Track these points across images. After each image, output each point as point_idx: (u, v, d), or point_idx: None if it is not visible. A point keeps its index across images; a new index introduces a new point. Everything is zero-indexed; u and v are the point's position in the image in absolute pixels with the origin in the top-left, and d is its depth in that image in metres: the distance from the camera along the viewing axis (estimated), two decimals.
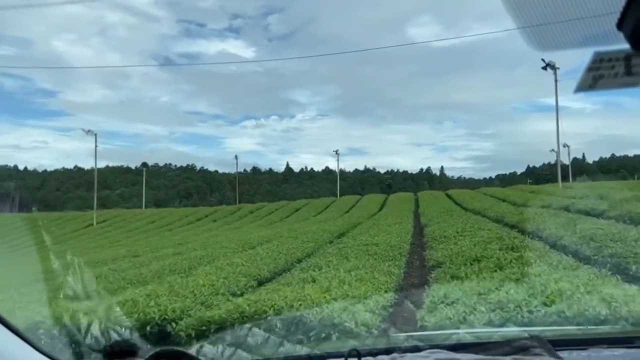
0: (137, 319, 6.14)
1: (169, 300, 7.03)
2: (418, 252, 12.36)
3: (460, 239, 11.77)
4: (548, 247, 9.64)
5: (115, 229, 42.46)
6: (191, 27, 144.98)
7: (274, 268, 10.52)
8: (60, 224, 48.23)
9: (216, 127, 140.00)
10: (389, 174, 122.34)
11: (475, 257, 8.59)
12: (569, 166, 55.57)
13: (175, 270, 11.95)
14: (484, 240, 10.87)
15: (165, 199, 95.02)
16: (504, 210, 20.16)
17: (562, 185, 38.12)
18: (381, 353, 1.46)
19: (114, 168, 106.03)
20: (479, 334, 2.32)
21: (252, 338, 4.59)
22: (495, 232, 12.58)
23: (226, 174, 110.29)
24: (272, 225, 32.27)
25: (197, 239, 26.46)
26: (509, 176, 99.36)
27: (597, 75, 1.12)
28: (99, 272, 13.62)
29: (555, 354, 1.37)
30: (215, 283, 8.47)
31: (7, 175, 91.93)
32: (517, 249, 9.09)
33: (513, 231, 12.89)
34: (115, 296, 8.23)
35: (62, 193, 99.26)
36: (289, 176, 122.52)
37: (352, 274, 7.75)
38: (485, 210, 21.49)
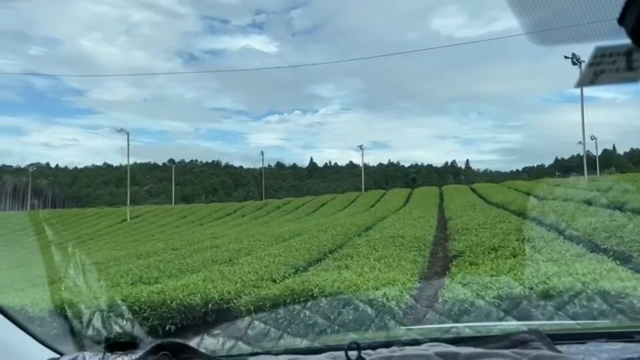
0: (200, 298, 7.25)
1: (223, 284, 8.15)
2: (441, 243, 13.27)
3: (481, 231, 12.61)
4: (562, 238, 10.45)
5: (148, 224, 44.23)
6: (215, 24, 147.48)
7: (308, 258, 11.56)
8: (96, 219, 50.38)
9: (240, 123, 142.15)
10: (413, 167, 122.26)
11: (493, 246, 9.48)
12: (596, 158, 55.15)
13: (218, 261, 13.11)
14: (503, 232, 11.70)
15: (192, 194, 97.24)
16: (526, 203, 20.80)
17: (587, 178, 38.22)
18: (381, 346, 1.46)
19: (142, 164, 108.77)
20: (478, 328, 2.36)
21: (252, 330, 5.00)
22: (515, 224, 13.37)
23: (251, 169, 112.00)
24: (299, 219, 33.39)
25: (229, 233, 27.76)
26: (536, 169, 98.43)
27: (599, 70, 1.12)
28: (146, 264, 14.89)
29: (554, 348, 1.37)
30: (259, 270, 9.55)
31: (40, 173, 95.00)
32: (532, 240, 9.93)
33: (533, 223, 13.67)
34: (173, 281, 9.39)
35: (92, 189, 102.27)
36: (313, 171, 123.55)
37: (381, 262, 8.74)
38: (509, 204, 22.12)
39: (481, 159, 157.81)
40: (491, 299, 5.12)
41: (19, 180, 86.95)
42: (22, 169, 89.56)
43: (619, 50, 1.09)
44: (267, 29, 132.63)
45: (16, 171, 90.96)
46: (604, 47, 1.10)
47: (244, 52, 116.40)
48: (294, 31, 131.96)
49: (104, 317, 6.40)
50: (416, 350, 1.36)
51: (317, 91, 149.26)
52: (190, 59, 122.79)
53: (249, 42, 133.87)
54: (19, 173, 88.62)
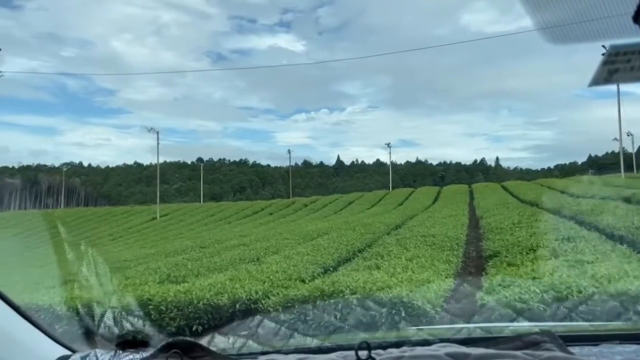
0: (227, 298, 7.09)
1: (250, 283, 7.97)
2: (474, 242, 12.82)
3: (516, 230, 12.12)
4: (604, 238, 9.90)
5: (177, 222, 44.73)
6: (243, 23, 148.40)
7: (337, 257, 11.31)
8: (126, 217, 51.24)
9: (267, 122, 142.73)
10: (441, 165, 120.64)
11: (531, 246, 9.04)
12: (632, 155, 53.17)
13: (245, 259, 12.99)
14: (540, 231, 11.21)
15: (220, 193, 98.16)
16: (561, 202, 20.05)
17: (624, 176, 36.83)
18: (391, 346, 1.45)
19: (171, 163, 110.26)
20: (489, 328, 2.32)
21: (262, 330, 4.93)
22: (552, 223, 12.83)
23: (278, 167, 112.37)
24: (327, 217, 33.18)
25: (257, 231, 27.74)
26: (568, 166, 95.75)
27: (613, 69, 1.11)
28: (174, 262, 14.90)
29: (567, 350, 1.36)
30: (287, 270, 9.35)
31: (73, 172, 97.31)
32: (573, 240, 9.43)
33: (570, 222, 13.09)
34: (200, 280, 9.28)
35: (123, 188, 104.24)
36: (340, 169, 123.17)
37: (414, 262, 8.42)
38: (543, 202, 21.41)
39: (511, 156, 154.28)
40: (535, 303, 4.76)
41: (53, 179, 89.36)
42: (56, 168, 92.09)
43: (634, 49, 1.06)
44: (294, 27, 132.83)
45: (50, 170, 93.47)
46: (618, 45, 1.07)
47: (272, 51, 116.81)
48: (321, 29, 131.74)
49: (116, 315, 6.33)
50: (427, 351, 1.35)
51: (344, 89, 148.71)
52: (218, 59, 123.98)
53: (277, 41, 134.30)
54: (53, 172, 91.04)
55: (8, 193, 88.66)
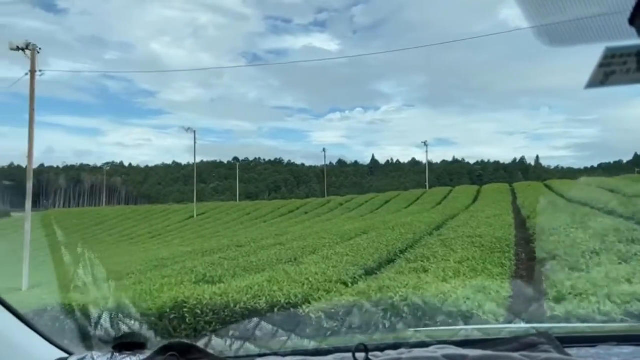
0: (265, 301, 6.68)
1: (289, 286, 7.54)
2: (524, 244, 12.04)
3: (571, 231, 11.28)
4: None
5: (214, 221, 45.05)
6: (278, 24, 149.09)
7: (378, 258, 10.78)
8: (164, 216, 52.02)
9: (302, 121, 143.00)
10: (479, 164, 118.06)
11: (594, 249, 8.26)
12: None
13: (282, 260, 12.62)
14: (599, 232, 10.36)
15: (255, 192, 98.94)
16: (614, 201, 18.84)
17: None
18: (389, 348, 1.44)
19: (208, 163, 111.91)
20: (486, 330, 2.34)
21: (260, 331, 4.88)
22: (611, 224, 11.90)
23: (312, 167, 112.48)
24: (363, 217, 32.59)
25: (293, 230, 27.44)
26: (613, 165, 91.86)
27: (609, 71, 1.11)
28: (210, 261, 14.70)
29: (564, 351, 1.35)
30: (327, 271, 8.89)
31: (114, 171, 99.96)
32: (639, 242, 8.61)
33: (629, 223, 12.13)
34: (237, 281, 8.94)
35: (162, 187, 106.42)
36: (374, 168, 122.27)
37: (464, 265, 7.82)
38: (593, 202, 20.21)
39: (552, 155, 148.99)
40: (619, 315, 4.13)
41: (95, 179, 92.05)
42: (99, 167, 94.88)
43: (630, 51, 1.08)
44: (328, 27, 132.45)
45: (93, 170, 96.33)
46: (614, 48, 1.08)
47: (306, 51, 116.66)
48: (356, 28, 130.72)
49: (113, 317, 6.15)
50: (424, 353, 1.36)
51: (379, 88, 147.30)
52: (254, 59, 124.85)
53: (311, 40, 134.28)
54: (96, 171, 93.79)
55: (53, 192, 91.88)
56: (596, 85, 1.15)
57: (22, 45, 16.03)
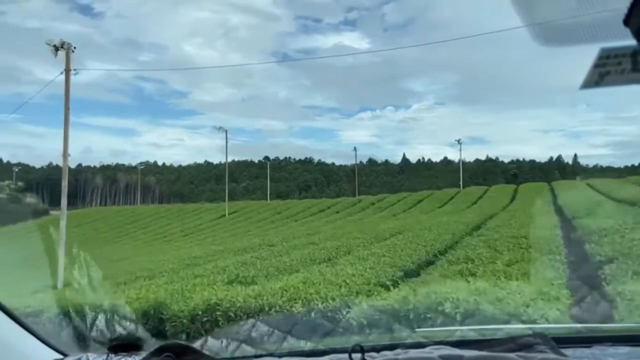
0: (301, 305, 6.30)
1: (325, 288, 7.15)
2: (574, 245, 11.30)
3: (626, 232, 10.50)
4: None
5: (245, 220, 45.16)
6: (308, 23, 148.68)
7: (417, 259, 10.29)
8: (197, 214, 52.52)
9: (332, 120, 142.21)
10: (514, 163, 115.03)
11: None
12: None
13: (316, 260, 12.26)
14: None
15: (286, 191, 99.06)
16: None
17: None
18: (385, 349, 1.44)
19: (239, 162, 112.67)
20: (482, 331, 2.28)
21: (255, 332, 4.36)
22: None
23: (343, 166, 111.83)
24: (396, 216, 31.97)
25: (324, 229, 27.08)
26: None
27: (604, 72, 1.11)
28: (242, 260, 14.47)
29: (559, 352, 1.36)
30: (364, 273, 8.47)
31: (148, 171, 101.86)
32: None
33: None
34: (271, 282, 8.61)
35: (194, 186, 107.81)
36: (405, 167, 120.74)
37: (515, 268, 7.25)
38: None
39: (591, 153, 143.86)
40: None
41: (130, 178, 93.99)
42: (133, 167, 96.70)
43: (625, 52, 1.08)
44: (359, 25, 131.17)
45: (128, 169, 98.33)
46: (609, 48, 1.09)
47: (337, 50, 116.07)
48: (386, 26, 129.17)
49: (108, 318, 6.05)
50: (420, 353, 1.36)
51: (410, 86, 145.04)
52: (284, 59, 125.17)
53: (341, 39, 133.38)
54: (130, 171, 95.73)
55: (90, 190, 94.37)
56: (591, 85, 1.15)
57: (58, 44, 16.23)
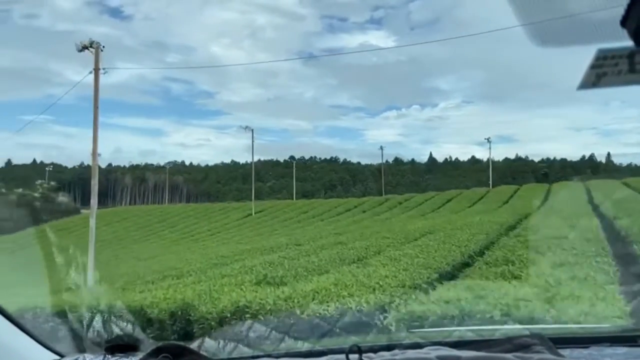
0: (334, 308, 5.98)
1: (359, 290, 6.82)
2: (619, 247, 10.67)
3: None
4: None
5: (271, 219, 45.15)
6: (334, 22, 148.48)
7: (451, 260, 9.85)
8: (224, 213, 52.81)
9: (358, 120, 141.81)
10: (544, 162, 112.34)
11: None
12: None
13: (346, 260, 11.93)
14: None
15: (311, 190, 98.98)
16: None
17: None
18: (382, 349, 1.44)
19: (265, 162, 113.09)
20: (480, 331, 2.29)
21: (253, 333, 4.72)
22: None
23: (368, 165, 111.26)
24: (424, 216, 31.38)
25: (351, 229, 26.73)
26: None
27: (601, 73, 1.12)
28: (270, 260, 14.26)
29: (557, 352, 1.37)
30: (397, 275, 8.11)
31: (176, 170, 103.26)
32: None
33: None
34: (300, 283, 8.32)
35: (221, 185, 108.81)
36: (432, 166, 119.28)
37: (561, 271, 6.78)
38: None
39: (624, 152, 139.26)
40: None
41: (158, 177, 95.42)
42: (161, 166, 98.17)
43: (622, 52, 1.08)
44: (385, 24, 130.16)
45: (156, 169, 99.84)
46: (606, 49, 1.09)
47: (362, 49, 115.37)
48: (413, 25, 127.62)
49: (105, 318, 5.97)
50: (418, 354, 1.37)
51: (436, 84, 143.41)
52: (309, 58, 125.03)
53: (367, 38, 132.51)
54: (159, 170, 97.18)
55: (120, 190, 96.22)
56: (588, 86, 1.15)
57: (87, 44, 16.37)
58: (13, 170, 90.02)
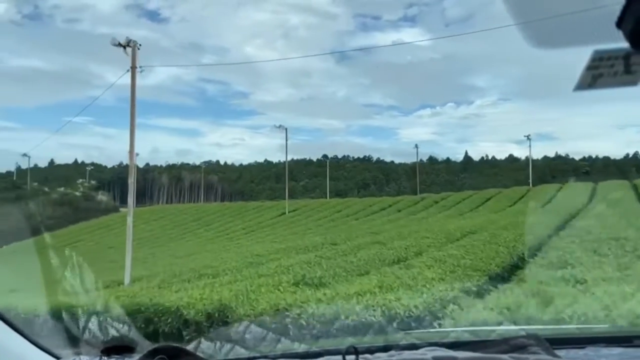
0: (381, 313, 5.56)
1: (405, 294, 6.37)
2: None
3: None
4: None
5: (305, 218, 44.94)
6: (367, 21, 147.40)
7: (500, 263, 9.27)
8: (257, 212, 52.96)
9: (391, 118, 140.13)
10: (585, 160, 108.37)
11: None
12: None
13: (386, 261, 11.47)
14: None
15: (344, 189, 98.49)
16: None
17: None
18: (379, 350, 1.43)
19: (298, 161, 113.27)
20: (477, 332, 2.31)
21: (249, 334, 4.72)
22: None
23: (402, 164, 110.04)
24: (463, 215, 30.48)
25: (388, 228, 26.16)
26: None
27: (597, 74, 1.12)
28: (306, 259, 13.93)
29: (553, 353, 1.37)
30: (444, 277, 7.63)
31: (211, 170, 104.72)
32: None
33: None
34: (342, 285, 7.94)
35: (255, 184, 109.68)
36: (468, 165, 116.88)
37: (627, 274, 6.14)
38: None
39: None
40: None
41: (194, 177, 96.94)
42: (197, 166, 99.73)
43: (617, 54, 1.09)
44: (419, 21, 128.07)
45: (192, 168, 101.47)
46: (602, 51, 1.10)
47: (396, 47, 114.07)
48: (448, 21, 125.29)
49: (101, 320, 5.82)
50: (414, 355, 1.37)
51: (472, 82, 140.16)
52: (342, 58, 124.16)
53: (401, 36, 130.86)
54: (194, 170, 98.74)
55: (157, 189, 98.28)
56: (584, 87, 1.16)
57: (124, 43, 16.45)
58: (56, 170, 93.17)
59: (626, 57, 1.08)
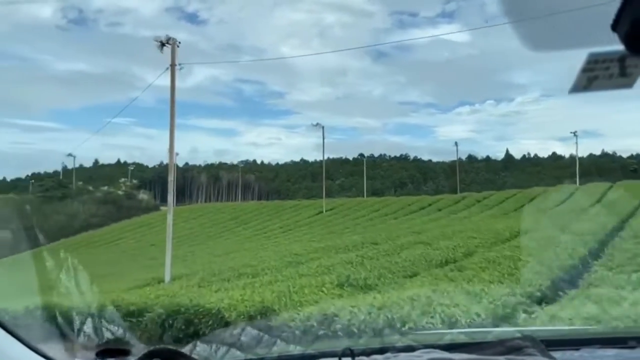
0: (440, 320, 5.05)
1: (465, 299, 5.83)
2: None
3: None
4: None
5: (342, 217, 44.48)
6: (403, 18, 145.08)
7: (561, 265, 8.54)
8: (294, 211, 52.86)
9: (429, 116, 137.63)
10: (633, 158, 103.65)
11: None
12: None
13: (433, 262, 10.90)
14: None
15: (381, 188, 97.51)
16: None
17: None
18: (375, 352, 1.44)
19: (334, 160, 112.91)
20: (472, 334, 2.26)
21: (245, 337, 4.73)
22: None
23: (440, 162, 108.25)
24: (507, 215, 29.33)
25: (429, 227, 25.42)
26: None
27: (592, 77, 1.13)
28: (347, 259, 13.48)
29: (548, 354, 1.36)
30: (502, 280, 7.04)
31: (248, 169, 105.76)
32: None
33: None
34: (388, 288, 7.45)
35: (291, 184, 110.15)
36: (509, 163, 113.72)
37: None
38: None
39: None
40: None
41: (231, 176, 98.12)
42: (234, 165, 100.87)
43: (613, 56, 1.10)
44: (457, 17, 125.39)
45: (229, 168, 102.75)
46: (597, 53, 1.11)
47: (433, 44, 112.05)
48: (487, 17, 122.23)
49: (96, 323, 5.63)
50: (410, 357, 1.36)
51: (512, 78, 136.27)
52: (379, 56, 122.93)
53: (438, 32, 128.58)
54: (232, 169, 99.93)
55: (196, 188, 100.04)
56: (579, 90, 1.16)
57: (164, 41, 16.48)
58: (100, 170, 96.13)
59: (621, 60, 1.08)
